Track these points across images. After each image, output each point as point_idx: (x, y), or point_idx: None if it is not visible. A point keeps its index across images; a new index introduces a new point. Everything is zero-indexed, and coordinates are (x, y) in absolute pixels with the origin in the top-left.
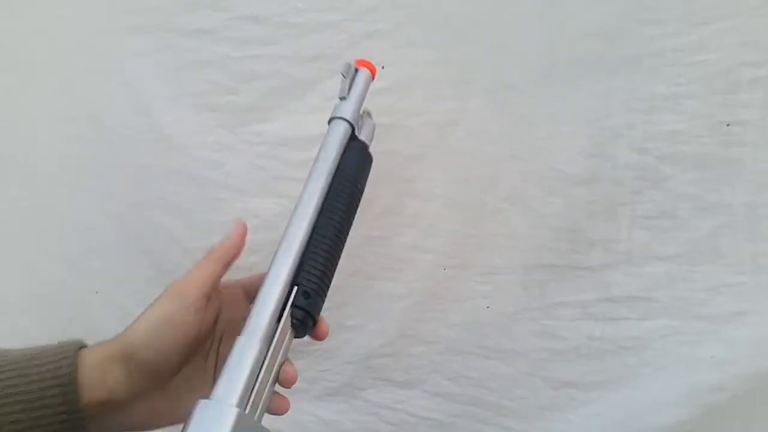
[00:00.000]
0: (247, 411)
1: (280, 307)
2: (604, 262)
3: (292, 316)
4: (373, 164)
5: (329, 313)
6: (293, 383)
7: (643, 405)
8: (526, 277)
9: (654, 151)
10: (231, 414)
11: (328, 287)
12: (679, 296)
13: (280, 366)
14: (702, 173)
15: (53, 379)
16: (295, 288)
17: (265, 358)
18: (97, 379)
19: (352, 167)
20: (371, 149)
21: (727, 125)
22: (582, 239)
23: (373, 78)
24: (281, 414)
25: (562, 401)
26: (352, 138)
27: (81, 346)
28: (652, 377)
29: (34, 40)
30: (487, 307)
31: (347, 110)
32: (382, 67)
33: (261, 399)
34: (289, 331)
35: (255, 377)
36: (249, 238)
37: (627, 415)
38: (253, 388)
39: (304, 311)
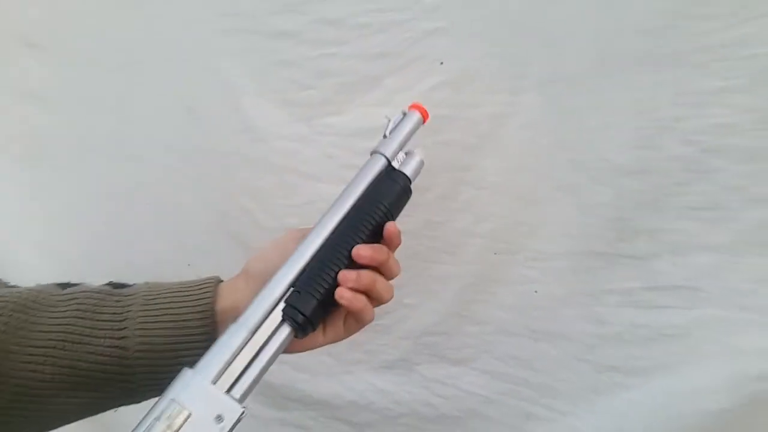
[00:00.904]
0: (220, 386)
1: (274, 304)
2: (651, 251)
3: (283, 311)
4: (432, 153)
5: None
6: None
7: (685, 392)
8: (574, 263)
9: (702, 143)
10: (201, 387)
11: (323, 293)
12: (725, 286)
13: (272, 357)
14: (750, 166)
15: (198, 310)
16: (291, 289)
17: (246, 343)
18: (231, 301)
19: (380, 194)
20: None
21: None
22: (629, 228)
23: (425, 121)
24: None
25: (605, 385)
26: (391, 170)
27: (219, 281)
28: (695, 365)
29: (139, 40)
30: (536, 292)
31: (386, 146)
32: (441, 63)
33: (240, 379)
34: (283, 327)
35: (232, 360)
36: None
37: (668, 400)
38: (229, 368)
39: (293, 308)
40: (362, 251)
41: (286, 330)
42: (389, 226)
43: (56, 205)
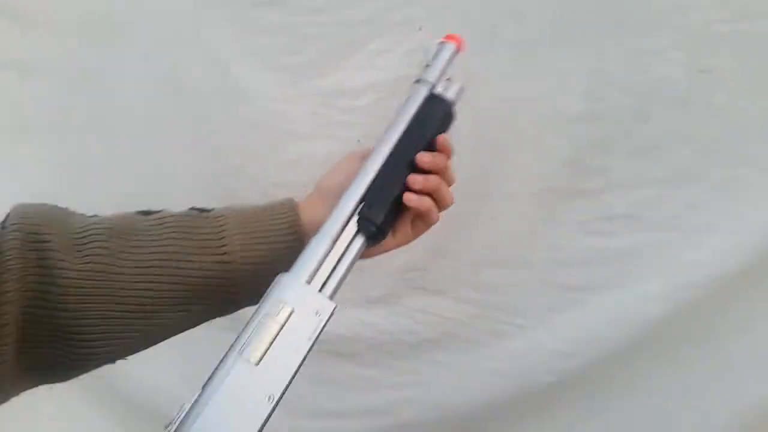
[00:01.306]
0: (314, 285)
1: (349, 217)
2: (601, 186)
3: (357, 222)
4: None
5: None
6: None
7: (631, 301)
8: (536, 200)
9: (643, 94)
10: (299, 287)
11: (390, 204)
12: (662, 214)
13: (353, 262)
14: (682, 112)
15: (287, 225)
16: (362, 202)
17: (330, 251)
18: (310, 216)
19: (429, 117)
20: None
21: (701, 72)
22: (582, 168)
23: (459, 50)
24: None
25: (563, 302)
26: (433, 96)
27: (294, 200)
28: (639, 279)
29: (124, 11)
30: (506, 226)
31: (429, 74)
32: (420, 28)
33: (329, 279)
34: (358, 236)
35: (322, 263)
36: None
37: (617, 310)
38: (319, 271)
39: (366, 219)
40: (424, 157)
41: (360, 239)
42: (441, 138)
43: (39, 175)
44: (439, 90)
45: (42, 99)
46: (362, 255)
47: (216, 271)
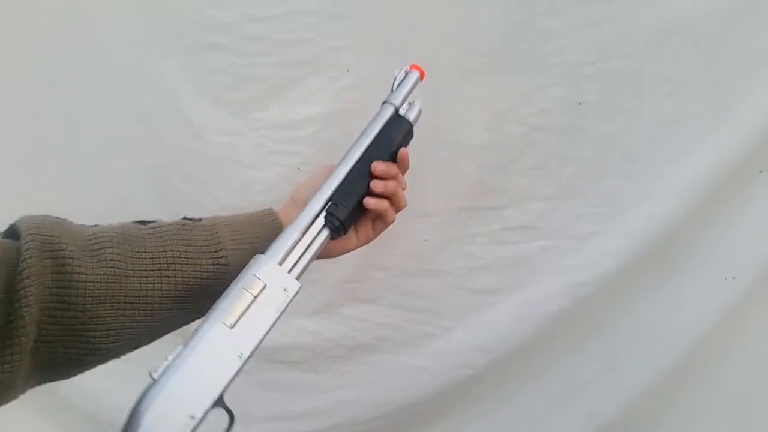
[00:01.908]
0: (285, 267)
1: (318, 213)
2: (502, 203)
3: (324, 218)
4: (342, 138)
5: None
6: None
7: (536, 301)
8: (449, 217)
9: (530, 124)
10: (272, 267)
11: (354, 204)
12: (552, 224)
13: (318, 250)
14: (562, 137)
15: (270, 232)
16: (330, 202)
17: (300, 239)
18: (285, 220)
19: (391, 133)
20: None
21: (579, 104)
22: (486, 188)
23: (423, 79)
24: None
25: (478, 304)
26: (397, 116)
27: (273, 210)
28: (538, 281)
29: (85, 50)
30: (425, 240)
31: (394, 98)
32: (348, 70)
33: (297, 263)
34: (324, 229)
35: (292, 249)
36: (255, 199)
37: (522, 308)
38: (289, 255)
39: (332, 215)
40: (379, 166)
41: (326, 232)
42: (401, 150)
43: (8, 195)
44: (402, 111)
45: (10, 128)
46: (330, 253)
47: (213, 273)
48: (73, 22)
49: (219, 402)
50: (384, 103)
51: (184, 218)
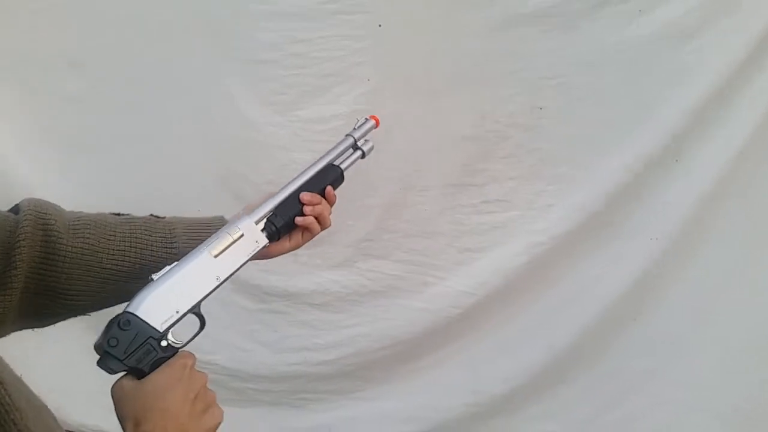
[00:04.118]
0: (259, 227)
1: (263, 217)
2: (483, 181)
3: (265, 223)
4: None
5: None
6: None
7: (509, 256)
8: (443, 191)
9: (503, 122)
10: (250, 222)
11: (289, 217)
12: (521, 197)
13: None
14: (527, 132)
15: (216, 230)
16: (271, 212)
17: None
18: None
19: (326, 173)
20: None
21: (539, 109)
22: (470, 169)
23: (377, 126)
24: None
25: (464, 259)
26: (355, 147)
27: (223, 217)
28: (512, 240)
29: (163, 61)
30: (425, 210)
31: (355, 133)
32: (368, 80)
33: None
34: (263, 234)
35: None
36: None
37: (501, 261)
38: (263, 221)
39: (270, 222)
40: (304, 196)
41: (264, 238)
42: (327, 189)
43: (89, 186)
44: (360, 143)
45: (95, 127)
46: (266, 255)
47: (164, 259)
48: (157, 45)
49: (197, 308)
50: (347, 135)
51: (151, 215)
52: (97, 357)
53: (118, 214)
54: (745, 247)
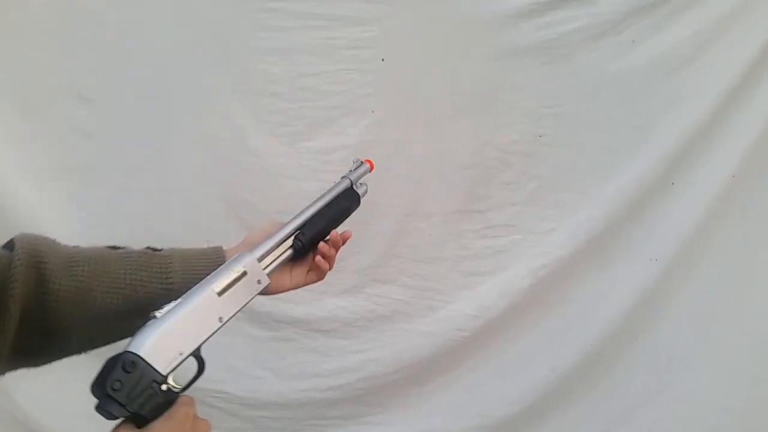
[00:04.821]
0: (262, 264)
1: (288, 236)
2: (485, 207)
3: (294, 237)
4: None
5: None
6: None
7: (512, 278)
8: (446, 218)
9: (506, 150)
10: (253, 260)
11: (320, 238)
12: (523, 223)
13: (284, 260)
14: (528, 159)
15: (215, 264)
16: (299, 231)
17: (275, 248)
18: (230, 256)
19: (343, 198)
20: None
21: (539, 136)
22: (473, 196)
23: (371, 170)
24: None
25: (468, 283)
26: (351, 189)
27: (222, 248)
28: (515, 264)
29: (172, 95)
30: (429, 235)
31: (352, 175)
32: (372, 111)
33: (269, 265)
34: (290, 249)
35: (269, 253)
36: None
37: (503, 286)
38: (266, 257)
39: (299, 239)
40: (323, 247)
41: (290, 251)
42: (333, 233)
43: (99, 216)
44: (355, 187)
45: (104, 157)
46: (264, 292)
47: (161, 296)
48: (166, 77)
49: (197, 351)
50: (343, 177)
51: (148, 247)
52: (93, 399)
53: (115, 248)
54: (741, 265)
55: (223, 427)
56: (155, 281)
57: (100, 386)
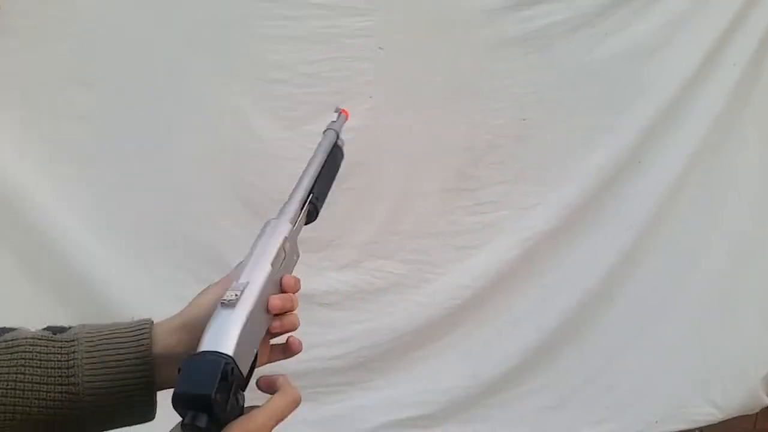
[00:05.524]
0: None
1: (304, 201)
2: (475, 186)
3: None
4: (368, 139)
5: (344, 222)
6: (298, 352)
7: (499, 250)
8: (440, 196)
9: (494, 132)
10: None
11: (324, 201)
12: (510, 200)
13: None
14: (513, 141)
15: (137, 352)
16: (311, 195)
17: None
18: (164, 344)
19: (336, 152)
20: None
21: (523, 120)
22: (464, 175)
23: (347, 118)
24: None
25: (460, 256)
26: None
27: (152, 324)
28: (501, 238)
29: (173, 80)
30: (424, 213)
31: (336, 126)
32: (371, 97)
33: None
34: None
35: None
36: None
37: (492, 256)
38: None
39: (314, 205)
40: (274, 301)
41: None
42: (287, 278)
43: (104, 200)
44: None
45: (106, 142)
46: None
47: (60, 401)
48: (169, 63)
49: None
50: (328, 129)
51: (48, 327)
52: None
53: (1, 331)
54: (702, 233)
55: None
56: (52, 383)
57: (202, 398)
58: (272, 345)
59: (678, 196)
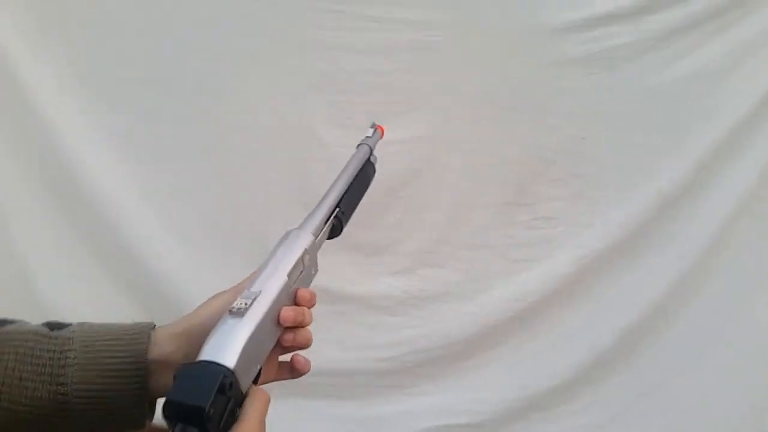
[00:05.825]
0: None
1: (329, 215)
2: (532, 201)
3: (334, 218)
4: (414, 152)
5: (400, 230)
6: (304, 372)
7: (555, 266)
8: (496, 209)
9: (552, 148)
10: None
11: (350, 217)
12: (567, 215)
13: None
14: (572, 158)
15: (131, 356)
16: (337, 209)
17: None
18: (161, 350)
19: (367, 168)
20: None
21: (582, 138)
22: (521, 190)
23: (382, 135)
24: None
25: (513, 270)
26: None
27: (153, 327)
28: (557, 253)
29: (250, 84)
30: (481, 224)
31: (371, 142)
32: (432, 110)
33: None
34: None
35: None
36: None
37: (548, 271)
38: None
39: (339, 220)
40: (287, 312)
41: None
42: (302, 292)
43: (169, 197)
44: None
45: (172, 140)
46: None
47: (48, 400)
48: (240, 70)
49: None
50: (362, 143)
51: (47, 323)
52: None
53: (1, 323)
54: (761, 264)
55: (280, 391)
56: (41, 381)
57: (195, 410)
58: (280, 362)
59: (742, 221)
